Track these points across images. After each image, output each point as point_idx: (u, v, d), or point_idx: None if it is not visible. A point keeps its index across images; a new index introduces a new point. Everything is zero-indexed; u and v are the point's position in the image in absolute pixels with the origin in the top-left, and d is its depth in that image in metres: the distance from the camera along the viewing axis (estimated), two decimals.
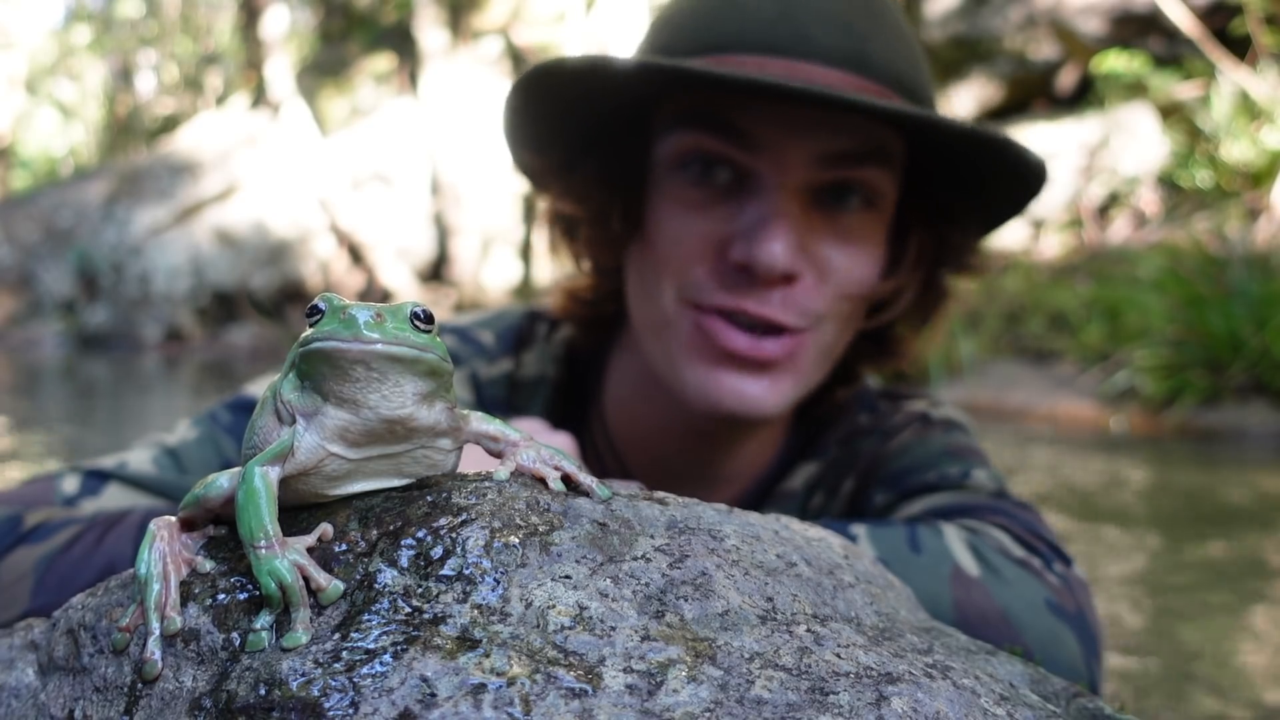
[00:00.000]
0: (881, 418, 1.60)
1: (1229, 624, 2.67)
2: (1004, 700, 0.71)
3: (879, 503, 1.47)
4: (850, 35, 1.34)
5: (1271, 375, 6.41)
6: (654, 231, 1.42)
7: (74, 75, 28.36)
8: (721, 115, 1.34)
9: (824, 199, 1.37)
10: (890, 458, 1.53)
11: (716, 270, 1.36)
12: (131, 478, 1.36)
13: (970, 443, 1.54)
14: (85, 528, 1.18)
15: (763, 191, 1.34)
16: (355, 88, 18.04)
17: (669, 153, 1.40)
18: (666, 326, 1.42)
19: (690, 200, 1.38)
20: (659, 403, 1.51)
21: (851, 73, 1.33)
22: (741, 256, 1.33)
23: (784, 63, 1.32)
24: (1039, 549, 1.26)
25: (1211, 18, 10.29)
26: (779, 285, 1.34)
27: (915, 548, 1.17)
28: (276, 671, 0.65)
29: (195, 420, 1.47)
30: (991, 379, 7.92)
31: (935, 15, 12.19)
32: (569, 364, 1.65)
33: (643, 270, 1.45)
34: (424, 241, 16.33)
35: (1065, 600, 1.21)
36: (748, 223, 1.34)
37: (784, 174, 1.34)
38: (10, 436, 5.88)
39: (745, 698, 0.64)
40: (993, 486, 1.41)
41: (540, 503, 0.76)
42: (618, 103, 1.43)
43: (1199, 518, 4.18)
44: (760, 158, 1.34)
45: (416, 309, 0.72)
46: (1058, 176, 10.68)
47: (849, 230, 1.39)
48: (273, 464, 0.72)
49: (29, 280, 16.01)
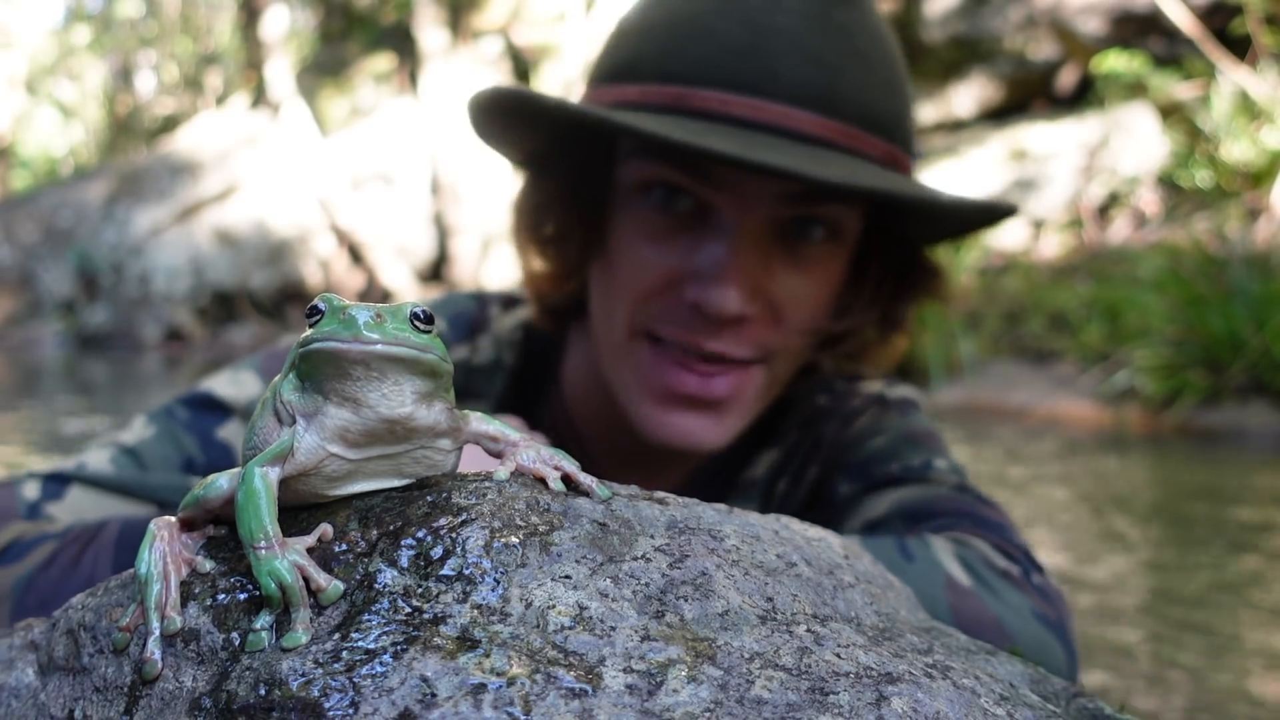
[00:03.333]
0: (840, 400, 1.62)
1: (1227, 622, 2.66)
2: (1004, 700, 0.71)
3: (844, 493, 1.49)
4: (820, 71, 1.31)
5: (1271, 375, 6.41)
6: (615, 254, 1.43)
7: (74, 75, 28.36)
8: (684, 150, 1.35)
9: (787, 231, 1.37)
10: (852, 445, 1.54)
11: (670, 304, 1.38)
12: (91, 478, 1.34)
13: (926, 426, 1.57)
14: (61, 545, 1.16)
15: (721, 229, 1.34)
16: (355, 88, 18.04)
17: (632, 178, 1.40)
18: (620, 353, 1.44)
19: (652, 227, 1.39)
20: (610, 399, 1.53)
21: (819, 114, 1.31)
22: (694, 298, 1.34)
23: (749, 101, 1.30)
24: (1017, 558, 1.28)
25: (1211, 18, 10.30)
26: (730, 325, 1.36)
27: (907, 557, 1.18)
28: (276, 671, 0.65)
29: (151, 417, 1.46)
30: (991, 379, 7.92)
31: (935, 15, 12.18)
32: (526, 347, 1.66)
33: (603, 288, 1.46)
34: (424, 241, 16.33)
35: (1048, 610, 1.23)
36: (703, 263, 1.34)
37: (745, 212, 1.33)
38: (10, 436, 5.88)
39: (745, 698, 0.64)
40: (954, 479, 1.44)
41: (540, 503, 0.76)
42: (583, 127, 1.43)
43: (1199, 517, 4.18)
44: (721, 194, 1.34)
45: (416, 309, 0.72)
46: (1058, 176, 10.70)
47: (809, 262, 1.39)
48: (273, 464, 0.72)
49: (29, 280, 16.01)
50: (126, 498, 1.35)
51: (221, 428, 1.45)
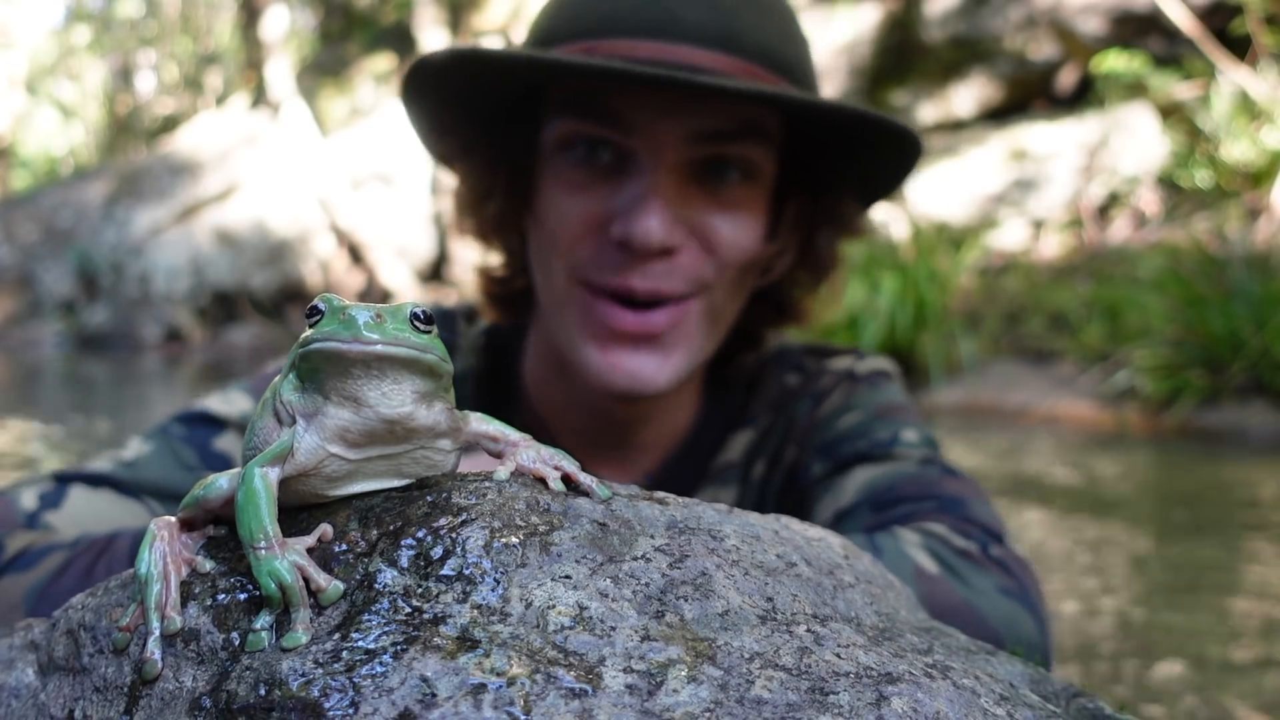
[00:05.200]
0: (811, 378, 1.64)
1: (1227, 621, 2.66)
2: (1004, 700, 0.71)
3: (816, 473, 1.51)
4: (718, 12, 1.38)
5: (1271, 375, 6.41)
6: (543, 212, 1.48)
7: (74, 75, 28.36)
8: (596, 101, 1.40)
9: (703, 174, 1.43)
10: (823, 424, 1.57)
11: (600, 248, 1.42)
12: (92, 476, 1.36)
13: (896, 398, 1.59)
14: (73, 555, 1.16)
15: (640, 171, 1.40)
16: (355, 88, 18.04)
17: (553, 137, 1.46)
18: (561, 305, 1.48)
19: (574, 181, 1.44)
20: (569, 377, 1.56)
21: (721, 51, 1.37)
22: (619, 234, 1.39)
23: (654, 44, 1.37)
24: (974, 534, 1.30)
25: (1211, 18, 10.29)
26: (658, 259, 1.40)
27: (876, 551, 1.20)
28: (276, 671, 0.65)
29: (146, 436, 1.48)
30: (991, 379, 7.91)
31: (935, 15, 12.18)
32: (489, 351, 1.69)
33: (538, 250, 1.51)
34: (424, 241, 16.33)
35: (1008, 583, 1.26)
36: (625, 201, 1.40)
37: (659, 153, 1.39)
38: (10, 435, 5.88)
39: (745, 698, 0.64)
40: (920, 451, 1.46)
41: (540, 503, 0.76)
42: (507, 90, 1.49)
43: (1199, 516, 4.18)
44: (635, 138, 1.39)
45: (416, 309, 0.72)
46: (1058, 176, 10.70)
47: (729, 202, 1.44)
48: (272, 465, 0.72)
49: (29, 280, 16.01)
50: (125, 495, 1.35)
51: (218, 439, 1.47)
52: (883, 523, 1.34)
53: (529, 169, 1.51)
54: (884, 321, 8.24)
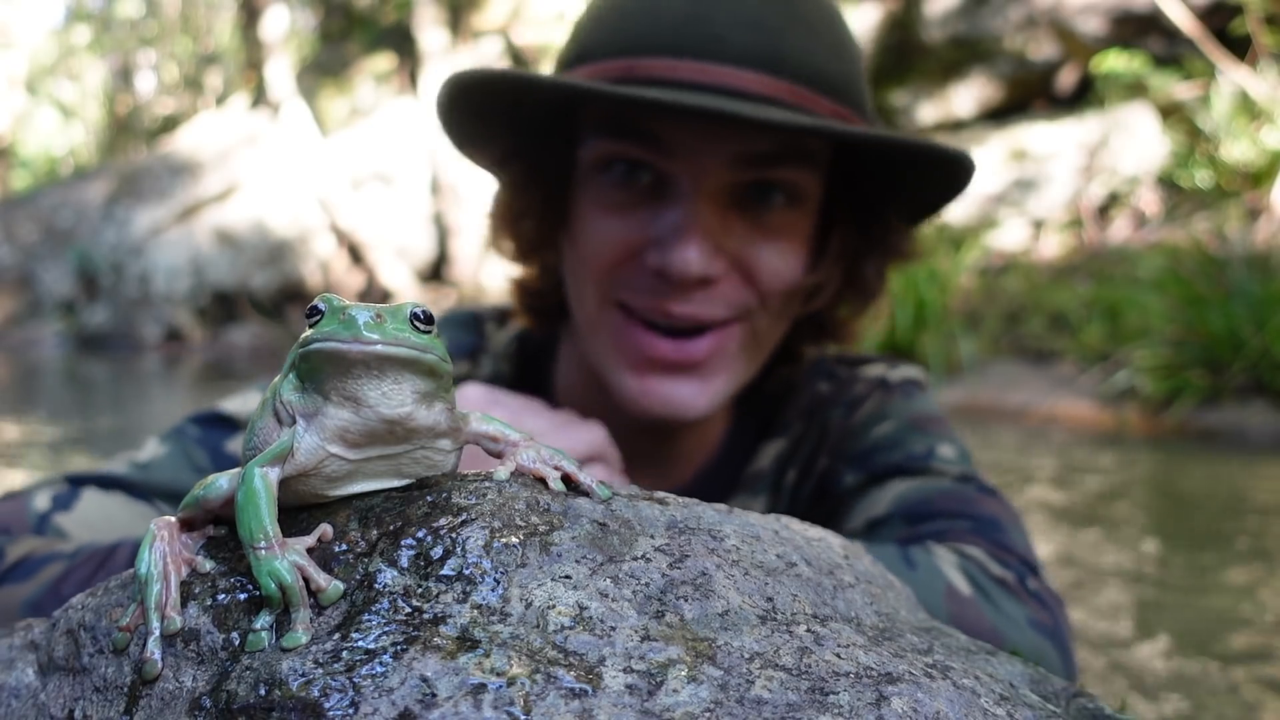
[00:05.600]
0: (843, 386, 1.61)
1: (1226, 621, 2.66)
2: (1004, 700, 0.71)
3: (849, 482, 1.49)
4: (763, 33, 1.32)
5: (1271, 375, 6.41)
6: (579, 232, 1.44)
7: (74, 75, 28.36)
8: (637, 123, 1.35)
9: (745, 199, 1.38)
10: (856, 432, 1.54)
11: (635, 274, 1.39)
12: (104, 478, 1.36)
13: (931, 409, 1.56)
14: (73, 565, 1.15)
15: (679, 197, 1.35)
16: (355, 88, 18.04)
17: (591, 157, 1.42)
18: (594, 327, 1.45)
19: (612, 202, 1.40)
20: (603, 391, 1.53)
21: (767, 73, 1.32)
22: (656, 263, 1.35)
23: (696, 65, 1.31)
24: (1011, 564, 1.28)
25: (1211, 18, 10.29)
26: (698, 287, 1.36)
27: (910, 565, 1.18)
28: (276, 671, 0.65)
29: (163, 438, 1.47)
30: (991, 379, 7.91)
31: (935, 15, 12.19)
32: (520, 357, 1.68)
33: (573, 269, 1.48)
34: (424, 241, 16.33)
35: (1043, 617, 1.23)
36: (663, 229, 1.35)
37: (700, 179, 1.35)
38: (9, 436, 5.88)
39: (745, 698, 0.64)
40: (956, 469, 1.43)
41: (540, 503, 0.76)
42: (544, 107, 1.44)
43: (1199, 516, 4.18)
44: (676, 163, 1.35)
45: (416, 309, 0.72)
46: (1058, 176, 10.70)
47: (772, 229, 1.40)
48: (272, 465, 0.72)
49: (29, 280, 16.01)
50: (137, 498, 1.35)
51: (230, 441, 1.46)
52: (916, 536, 1.32)
53: (565, 185, 1.47)
54: (884, 322, 8.25)
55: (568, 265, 1.50)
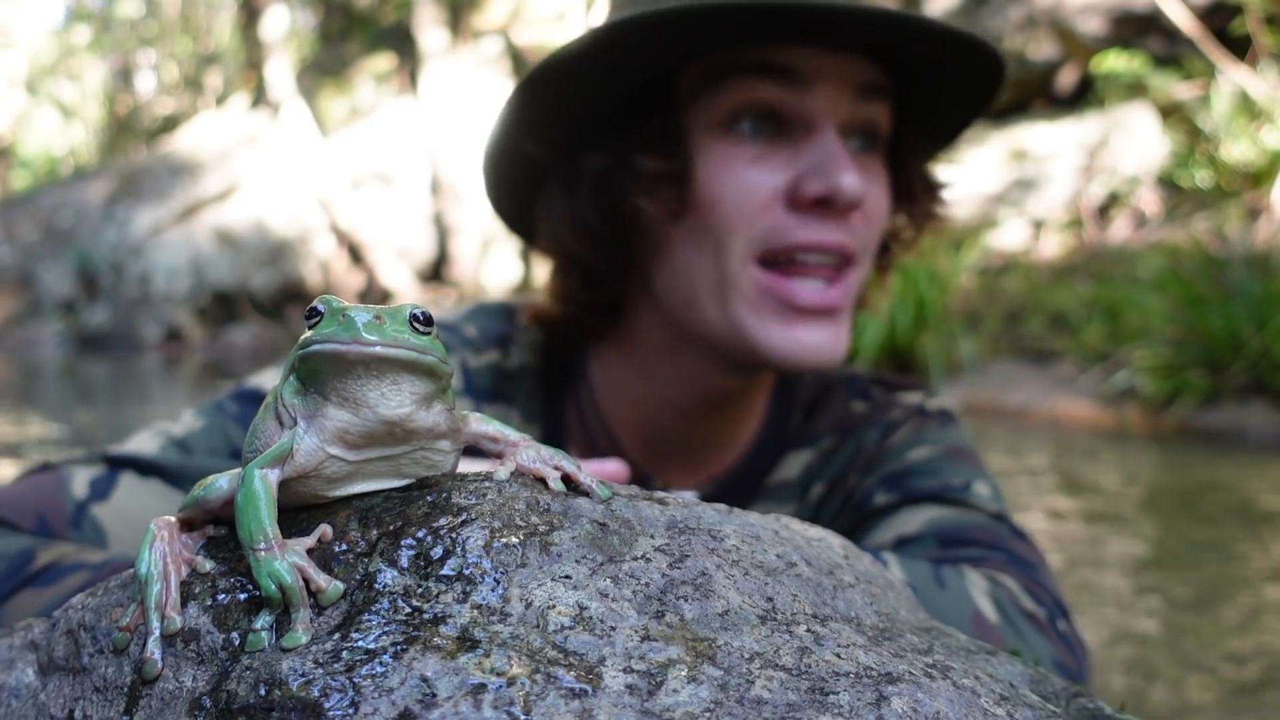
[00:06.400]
0: (879, 408, 1.61)
1: (1225, 621, 2.67)
2: (1004, 700, 0.71)
3: (880, 502, 1.47)
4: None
5: (1271, 375, 6.40)
6: (711, 196, 1.42)
7: (74, 75, 28.36)
8: (766, 58, 1.37)
9: (848, 141, 1.43)
10: (892, 454, 1.53)
11: (790, 212, 1.40)
12: (142, 463, 1.35)
13: (967, 442, 1.56)
14: (95, 578, 1.13)
15: (819, 131, 1.39)
16: (355, 88, 18.04)
17: (716, 113, 1.41)
18: (730, 289, 1.43)
19: (749, 155, 1.41)
20: (659, 378, 1.54)
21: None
22: (819, 190, 1.36)
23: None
24: (1044, 601, 1.27)
25: (1211, 18, 10.29)
26: (851, 214, 1.40)
27: (940, 583, 1.18)
28: (276, 671, 0.65)
29: (200, 410, 1.46)
30: (991, 379, 7.91)
31: (935, 15, 12.18)
32: (546, 351, 1.68)
33: (695, 240, 1.44)
34: (424, 241, 16.34)
35: (1068, 660, 1.23)
36: (814, 161, 1.38)
37: (834, 111, 1.39)
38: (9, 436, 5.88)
39: (745, 698, 0.64)
40: (993, 506, 1.43)
41: (540, 503, 0.76)
42: (624, 90, 1.41)
43: (1198, 516, 4.18)
44: (810, 98, 1.38)
45: (415, 311, 0.72)
46: (1058, 176, 10.69)
47: (871, 169, 1.45)
48: (272, 466, 0.72)
49: (29, 280, 16.01)
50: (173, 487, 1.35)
51: None
52: (949, 558, 1.31)
53: (685, 163, 1.43)
54: (884, 322, 8.24)
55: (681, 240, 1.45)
